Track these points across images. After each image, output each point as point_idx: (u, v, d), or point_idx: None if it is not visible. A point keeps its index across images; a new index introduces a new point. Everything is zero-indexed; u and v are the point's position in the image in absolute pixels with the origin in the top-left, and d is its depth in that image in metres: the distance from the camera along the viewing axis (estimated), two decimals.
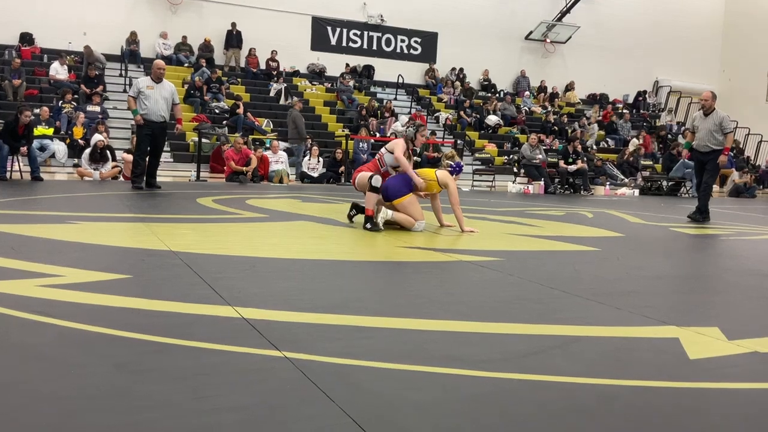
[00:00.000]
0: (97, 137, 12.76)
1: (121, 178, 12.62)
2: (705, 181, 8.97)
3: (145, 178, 9.89)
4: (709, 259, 5.34)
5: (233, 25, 19.37)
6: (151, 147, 9.90)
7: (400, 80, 21.08)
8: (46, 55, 17.51)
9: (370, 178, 6.05)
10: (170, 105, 9.87)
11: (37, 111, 13.54)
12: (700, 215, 8.79)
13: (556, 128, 19.96)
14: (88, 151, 12.61)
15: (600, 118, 21.96)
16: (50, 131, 13.72)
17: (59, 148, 13.57)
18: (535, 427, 1.81)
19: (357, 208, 6.43)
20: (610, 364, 2.38)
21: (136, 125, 9.98)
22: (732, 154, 20.59)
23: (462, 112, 19.90)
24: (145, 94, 9.62)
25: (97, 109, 15.03)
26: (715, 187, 18.72)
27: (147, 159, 9.88)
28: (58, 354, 2.23)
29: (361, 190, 6.40)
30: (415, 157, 16.49)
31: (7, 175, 11.05)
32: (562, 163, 15.77)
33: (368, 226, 5.93)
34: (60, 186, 10.30)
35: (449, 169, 6.51)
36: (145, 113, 9.62)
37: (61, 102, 14.82)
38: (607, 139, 21.26)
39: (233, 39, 19.51)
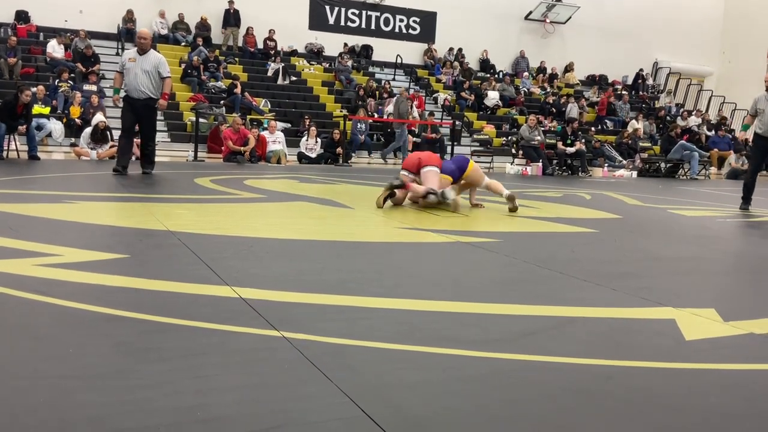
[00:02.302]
0: (98, 118, 12.70)
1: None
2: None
3: (127, 162, 8.73)
4: (706, 241, 5.35)
5: (230, 3, 19.19)
6: (139, 127, 8.84)
7: (399, 60, 20.96)
8: (42, 34, 17.36)
9: (440, 194, 6.14)
10: (155, 78, 8.63)
11: (33, 90, 13.45)
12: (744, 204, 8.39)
13: (554, 110, 19.89)
14: (88, 130, 12.55)
15: (599, 99, 21.88)
16: (47, 110, 13.64)
17: (56, 127, 13.50)
18: (532, 407, 1.82)
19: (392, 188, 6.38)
20: (607, 345, 2.39)
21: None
22: (730, 136, 20.57)
23: (462, 93, 19.82)
24: (127, 68, 8.58)
25: (94, 88, 14.94)
26: (713, 170, 18.73)
27: (131, 139, 8.91)
28: (56, 333, 2.23)
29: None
30: (414, 138, 16.56)
31: (4, 154, 11.01)
32: (560, 144, 15.73)
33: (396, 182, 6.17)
34: (57, 165, 10.27)
35: None
36: (126, 90, 8.64)
37: (57, 81, 14.72)
38: (606, 120, 21.20)
39: (231, 18, 19.34)
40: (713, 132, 20.71)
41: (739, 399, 1.96)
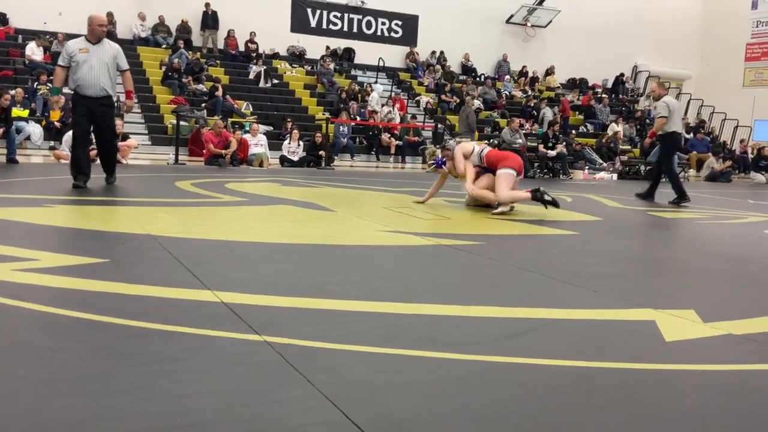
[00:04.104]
0: None
1: (98, 161, 12.45)
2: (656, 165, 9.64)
3: (88, 174, 7.20)
4: (686, 243, 5.41)
5: (207, 5, 19.08)
6: (95, 132, 7.38)
7: (381, 63, 20.99)
8: (20, 36, 17.18)
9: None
10: (114, 73, 7.20)
11: (12, 93, 13.31)
12: (679, 199, 8.99)
13: (535, 113, 20.01)
14: (71, 133, 12.42)
15: (580, 102, 22.05)
16: (25, 113, 13.50)
17: (35, 130, 13.36)
18: (514, 408, 1.83)
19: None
20: (588, 347, 2.41)
21: (71, 104, 7.51)
22: (709, 139, 20.82)
23: (443, 96, 19.88)
24: (77, 61, 6.98)
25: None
26: (692, 172, 18.93)
27: (88, 148, 7.42)
28: (34, 338, 2.21)
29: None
30: (397, 141, 16.57)
31: None
32: (541, 147, 15.83)
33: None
34: (36, 169, 10.16)
35: (433, 163, 7.12)
36: (78, 87, 7.05)
37: (36, 84, 14.57)
38: (586, 123, 21.37)
39: (209, 19, 19.25)
40: (692, 135, 20.95)
41: (719, 399, 1.98)
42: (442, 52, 22.31)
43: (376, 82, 20.10)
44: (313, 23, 21.02)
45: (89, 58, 6.99)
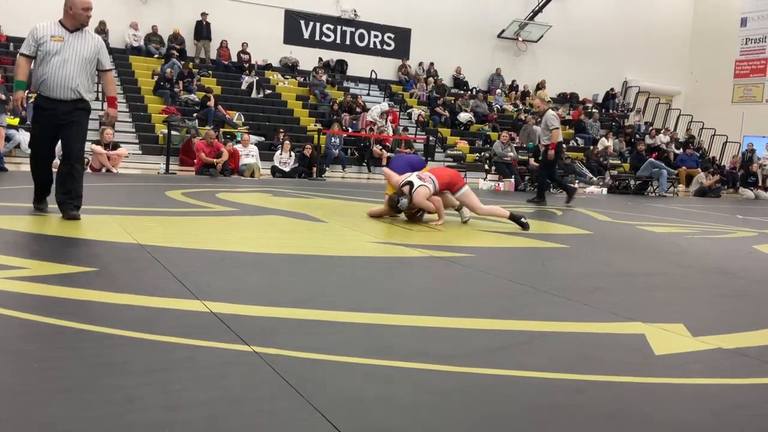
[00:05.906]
0: None
1: (88, 170, 12.41)
2: (539, 173, 11.34)
3: (48, 193, 5.64)
4: (675, 257, 5.42)
5: (203, 15, 19.14)
6: (62, 142, 5.52)
7: (373, 75, 21.06)
8: (12, 44, 17.13)
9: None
10: (93, 72, 5.52)
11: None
12: (538, 198, 10.64)
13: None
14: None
15: (571, 116, 22.18)
16: (15, 121, 13.44)
17: (25, 138, 13.29)
18: (504, 421, 1.82)
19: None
20: (578, 360, 2.41)
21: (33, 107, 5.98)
22: (698, 154, 20.99)
23: (436, 109, 19.95)
24: (46, 50, 5.25)
25: None
26: (681, 187, 19.07)
27: (50, 162, 5.73)
28: (20, 347, 2.19)
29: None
30: (388, 153, 16.61)
31: None
32: (532, 161, 15.89)
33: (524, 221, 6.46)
34: (25, 177, 10.09)
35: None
36: (42, 84, 5.30)
37: (27, 92, 14.51)
38: (576, 138, 21.48)
39: (203, 30, 19.28)
40: (681, 150, 21.10)
41: (708, 413, 1.98)
42: (431, 64, 22.43)
43: (368, 94, 20.17)
44: (306, 35, 21.08)
45: (63, 49, 5.26)
